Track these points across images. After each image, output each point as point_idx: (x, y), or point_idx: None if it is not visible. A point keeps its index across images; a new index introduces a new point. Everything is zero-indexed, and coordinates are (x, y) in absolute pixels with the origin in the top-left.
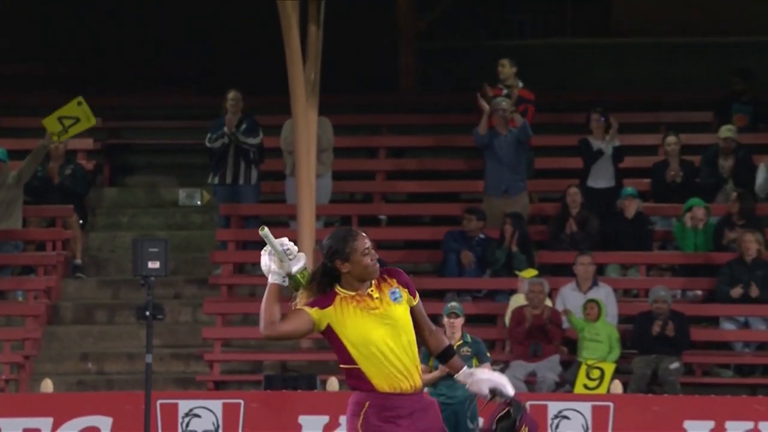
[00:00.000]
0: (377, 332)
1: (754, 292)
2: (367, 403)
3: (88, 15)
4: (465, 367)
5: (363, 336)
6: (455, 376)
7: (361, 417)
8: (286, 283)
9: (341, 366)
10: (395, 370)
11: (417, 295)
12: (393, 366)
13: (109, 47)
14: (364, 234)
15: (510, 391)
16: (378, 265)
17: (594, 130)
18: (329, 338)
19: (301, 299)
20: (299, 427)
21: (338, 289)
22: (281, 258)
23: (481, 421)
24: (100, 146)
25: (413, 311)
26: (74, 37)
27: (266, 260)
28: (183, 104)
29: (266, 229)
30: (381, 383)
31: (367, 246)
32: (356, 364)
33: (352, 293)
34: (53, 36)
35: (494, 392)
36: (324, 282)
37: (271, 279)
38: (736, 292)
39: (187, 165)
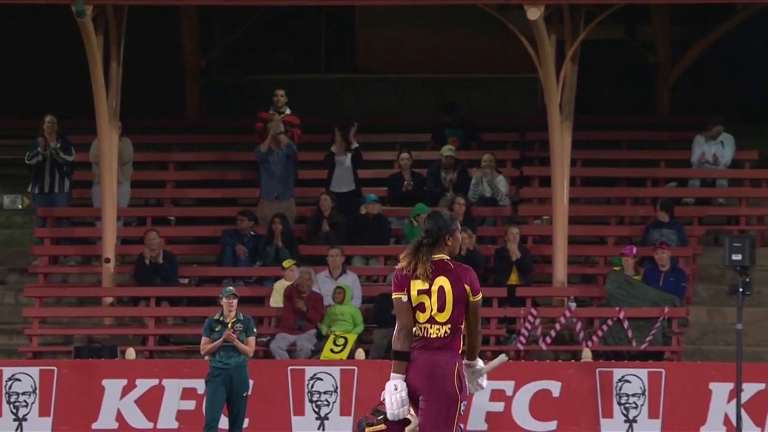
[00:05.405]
0: None
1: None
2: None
3: None
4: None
5: None
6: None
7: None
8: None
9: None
10: None
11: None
12: None
13: None
14: None
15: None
16: None
17: (336, 146)
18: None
19: (403, 261)
20: (103, 388)
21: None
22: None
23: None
24: None
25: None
26: None
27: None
28: (7, 126)
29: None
30: None
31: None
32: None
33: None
34: None
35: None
36: (426, 254)
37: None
38: None
39: (10, 176)
